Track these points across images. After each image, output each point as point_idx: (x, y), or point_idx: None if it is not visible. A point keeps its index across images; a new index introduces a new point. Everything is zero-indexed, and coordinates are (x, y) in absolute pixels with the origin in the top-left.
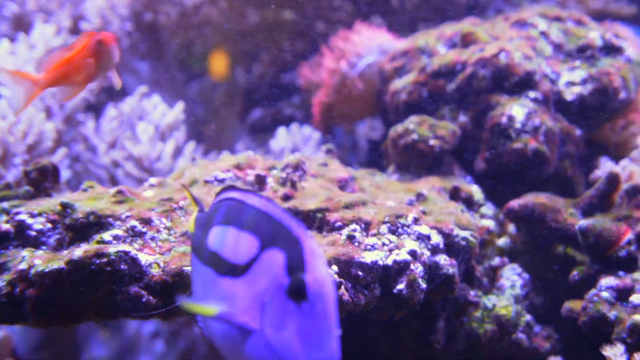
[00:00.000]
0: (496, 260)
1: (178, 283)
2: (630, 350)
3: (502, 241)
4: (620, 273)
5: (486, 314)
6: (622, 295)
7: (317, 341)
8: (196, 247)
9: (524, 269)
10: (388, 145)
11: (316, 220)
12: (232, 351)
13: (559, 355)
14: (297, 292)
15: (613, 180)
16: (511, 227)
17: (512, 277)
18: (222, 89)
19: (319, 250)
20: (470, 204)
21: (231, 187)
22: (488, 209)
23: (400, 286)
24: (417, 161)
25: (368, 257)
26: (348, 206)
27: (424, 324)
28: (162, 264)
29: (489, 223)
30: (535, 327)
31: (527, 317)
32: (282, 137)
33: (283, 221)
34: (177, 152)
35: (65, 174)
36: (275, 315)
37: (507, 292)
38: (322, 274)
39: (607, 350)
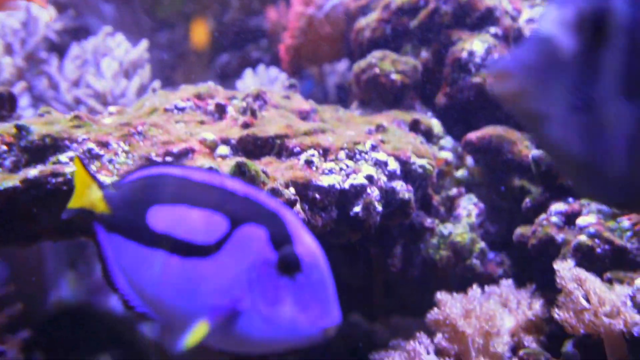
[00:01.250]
0: (453, 191)
1: None
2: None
3: (460, 173)
4: (570, 199)
5: (442, 241)
6: (570, 219)
7: (319, 309)
8: (126, 229)
9: (480, 199)
10: (352, 82)
11: (275, 147)
12: (225, 339)
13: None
14: (289, 265)
15: None
16: (469, 160)
17: (469, 206)
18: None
19: (299, 221)
20: (429, 136)
21: (157, 164)
22: (447, 141)
23: (357, 209)
24: (379, 95)
25: (325, 181)
26: (307, 133)
27: (382, 249)
28: None
29: (448, 155)
30: (489, 254)
31: (482, 244)
32: (248, 78)
33: (251, 196)
34: (142, 91)
35: (27, 113)
36: (268, 291)
37: (463, 221)
38: (311, 243)
39: (558, 264)
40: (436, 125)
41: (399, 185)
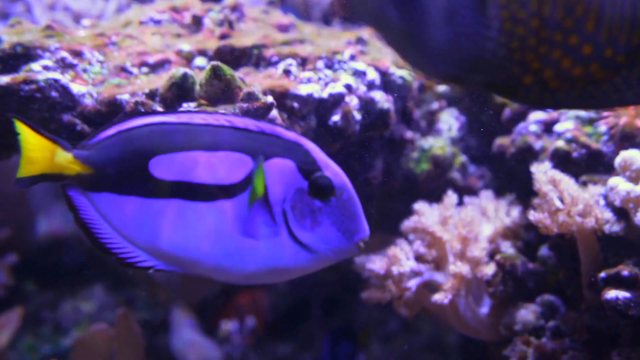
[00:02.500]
0: (435, 105)
1: (112, 111)
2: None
3: (441, 87)
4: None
5: (423, 154)
6: (548, 127)
7: (353, 225)
8: (121, 185)
9: (462, 112)
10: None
11: (252, 57)
12: (270, 272)
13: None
14: (322, 190)
15: None
16: None
17: (450, 120)
18: None
19: (319, 149)
20: None
21: (131, 116)
22: None
23: (336, 117)
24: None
25: (303, 90)
26: (286, 43)
27: (362, 162)
28: (95, 95)
29: None
30: (470, 167)
31: (463, 157)
32: None
33: (266, 130)
34: (120, 13)
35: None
36: (304, 216)
37: (444, 135)
38: (336, 168)
39: (534, 167)
40: None
41: (378, 95)
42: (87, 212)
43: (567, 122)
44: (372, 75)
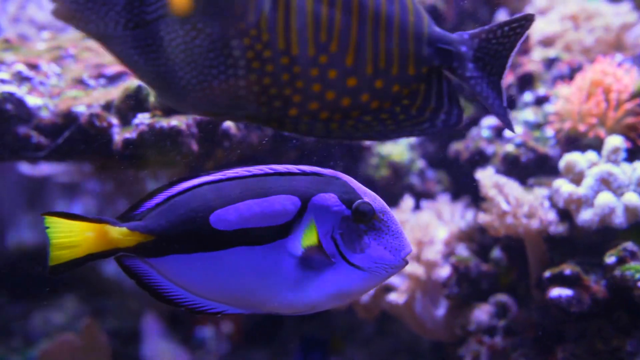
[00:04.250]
0: None
1: (68, 123)
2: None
3: None
4: None
5: (382, 160)
6: (500, 132)
7: (397, 242)
8: (186, 245)
9: None
10: None
11: None
12: (328, 299)
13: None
14: (365, 215)
15: None
16: None
17: None
18: None
19: (352, 179)
20: None
21: (175, 182)
22: None
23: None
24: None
25: None
26: None
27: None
28: (51, 107)
29: None
30: (428, 172)
31: (421, 163)
32: None
33: (306, 170)
34: None
35: None
36: (352, 242)
37: (403, 141)
38: (372, 193)
39: (479, 173)
40: None
41: None
42: (150, 276)
43: (517, 128)
44: None
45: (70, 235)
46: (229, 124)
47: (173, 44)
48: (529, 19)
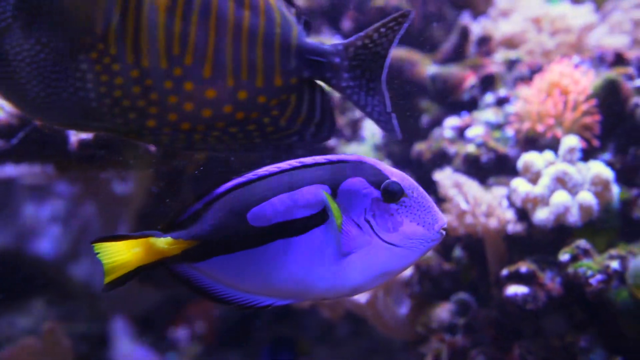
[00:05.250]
0: (357, 113)
1: (23, 125)
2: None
3: None
4: (463, 114)
5: None
6: (462, 133)
7: (430, 216)
8: (227, 246)
9: None
10: None
11: None
12: (368, 280)
13: None
14: (395, 194)
15: (464, 32)
16: None
17: (373, 127)
18: None
19: (377, 160)
20: None
21: (207, 190)
22: None
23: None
24: None
25: None
26: None
27: None
28: (7, 108)
29: None
30: None
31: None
32: None
33: (333, 159)
34: None
35: None
36: (385, 222)
37: (368, 141)
38: (400, 173)
39: (437, 174)
40: None
41: None
42: (198, 279)
43: (478, 128)
44: None
45: (119, 255)
46: None
47: (18, 58)
48: (405, 15)
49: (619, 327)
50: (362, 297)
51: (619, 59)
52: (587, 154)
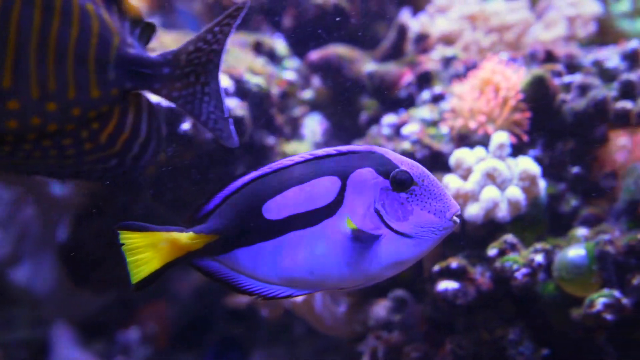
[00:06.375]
0: (298, 111)
1: None
2: None
3: (306, 93)
4: (401, 110)
5: None
6: (399, 130)
7: (441, 204)
8: (246, 239)
9: (326, 117)
10: (199, 8)
11: None
12: (380, 270)
13: None
14: (404, 182)
15: (401, 29)
16: (316, 80)
17: (313, 125)
18: None
19: (387, 150)
20: (273, 57)
21: (226, 183)
22: (292, 62)
23: (186, 126)
24: None
25: (152, 99)
26: None
27: (224, 170)
28: None
29: (291, 75)
30: None
31: None
32: None
33: (342, 150)
34: None
35: None
36: (395, 211)
37: (308, 139)
38: (408, 160)
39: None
40: (280, 46)
41: (232, 102)
42: (221, 271)
43: (414, 125)
44: (225, 82)
45: (145, 250)
46: None
47: None
48: (240, 9)
49: (546, 319)
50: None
51: (549, 56)
52: (518, 150)
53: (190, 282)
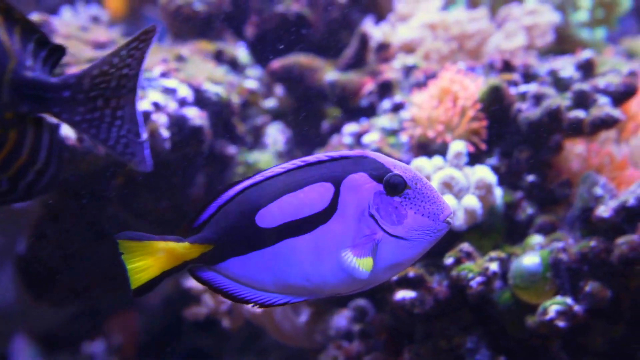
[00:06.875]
0: (260, 120)
1: None
2: None
3: (268, 102)
4: (362, 119)
5: (249, 169)
6: (360, 139)
7: (435, 206)
8: (241, 247)
9: (289, 126)
10: (162, 15)
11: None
12: (377, 274)
13: None
14: (397, 186)
15: (363, 39)
16: (279, 89)
17: (276, 134)
18: None
19: (380, 154)
20: (235, 66)
21: (221, 191)
22: (255, 71)
23: (143, 135)
24: (185, 27)
25: None
26: (92, 60)
27: (183, 178)
28: None
29: (253, 84)
30: None
31: None
32: (66, 16)
33: (335, 156)
34: None
35: None
36: (390, 215)
37: (271, 148)
38: (401, 164)
39: None
40: (242, 55)
41: (191, 112)
42: (218, 280)
43: (374, 134)
44: (184, 92)
45: (143, 259)
46: (67, 133)
47: None
48: (148, 32)
49: (503, 327)
50: (257, 307)
51: (507, 66)
52: (476, 159)
53: (159, 292)
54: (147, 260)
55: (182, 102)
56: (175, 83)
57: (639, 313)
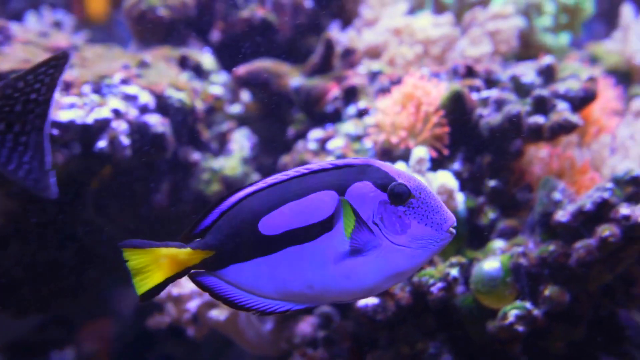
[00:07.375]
0: (226, 126)
1: None
2: None
3: (234, 108)
4: (328, 125)
5: (214, 175)
6: (325, 145)
7: (438, 217)
8: (242, 254)
9: (255, 132)
10: (127, 20)
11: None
12: (380, 283)
13: None
14: (401, 196)
15: (329, 44)
16: (246, 95)
17: (242, 140)
18: None
19: (386, 163)
20: (199, 72)
21: (222, 199)
22: (220, 77)
23: (102, 143)
24: (149, 33)
25: (64, 116)
26: None
27: (146, 186)
28: None
29: (218, 90)
30: None
31: (256, 176)
32: (31, 21)
33: (339, 164)
34: None
35: None
36: (393, 224)
37: (236, 155)
38: (406, 173)
39: None
40: (207, 61)
41: (153, 118)
42: (219, 286)
43: (339, 140)
44: (146, 98)
45: (147, 265)
46: None
47: None
48: (60, 58)
49: (466, 332)
50: (221, 315)
51: (469, 72)
52: (439, 164)
53: (132, 300)
54: (150, 268)
55: (144, 109)
56: (136, 90)
57: (598, 316)
